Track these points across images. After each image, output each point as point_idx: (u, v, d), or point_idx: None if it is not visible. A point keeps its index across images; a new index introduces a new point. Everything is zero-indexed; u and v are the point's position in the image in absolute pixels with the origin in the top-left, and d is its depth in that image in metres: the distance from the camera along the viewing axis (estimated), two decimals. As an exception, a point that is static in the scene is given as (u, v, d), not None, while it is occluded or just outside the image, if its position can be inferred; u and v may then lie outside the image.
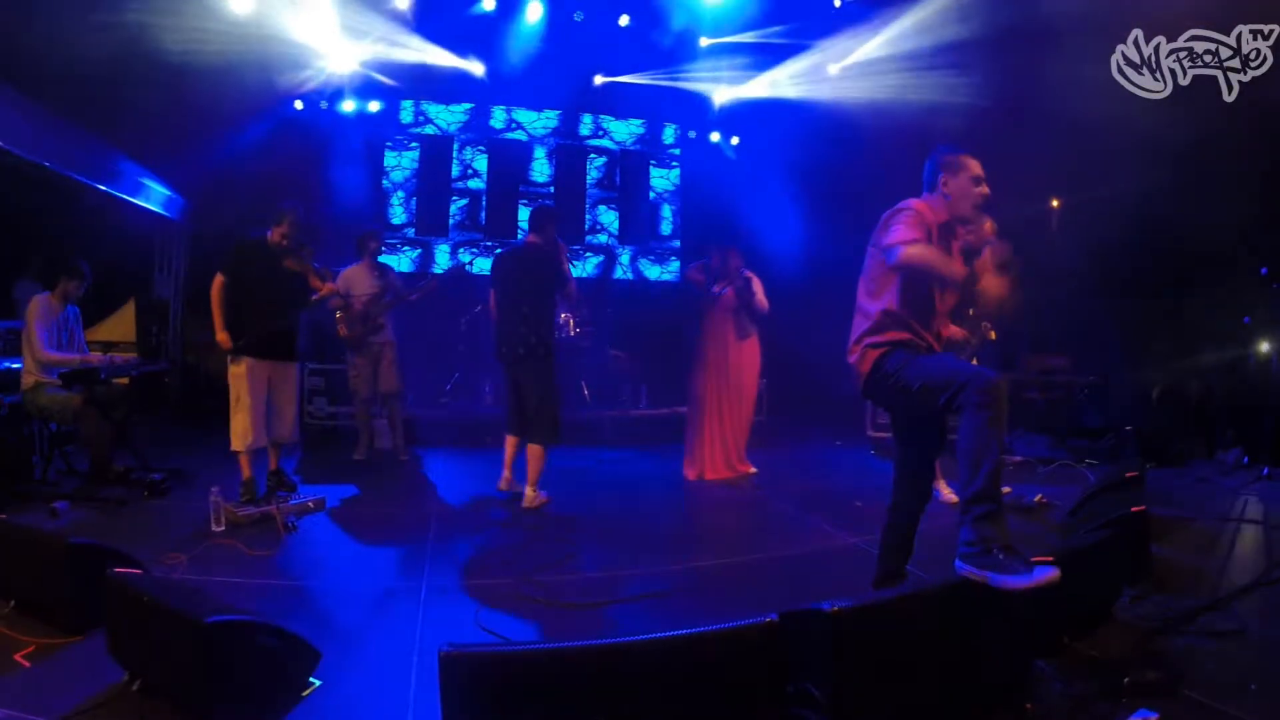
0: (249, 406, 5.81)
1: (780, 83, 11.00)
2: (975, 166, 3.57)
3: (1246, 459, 7.53)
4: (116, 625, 3.11)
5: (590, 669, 2.49)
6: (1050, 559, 3.19)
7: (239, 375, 5.83)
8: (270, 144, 10.46)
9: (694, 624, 2.65)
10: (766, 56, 10.85)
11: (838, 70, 10.53)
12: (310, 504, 5.77)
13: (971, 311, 5.67)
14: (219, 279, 5.87)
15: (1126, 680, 3.04)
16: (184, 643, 2.77)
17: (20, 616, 3.69)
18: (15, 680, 3.13)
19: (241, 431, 5.82)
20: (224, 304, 5.85)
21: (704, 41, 10.50)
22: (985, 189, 3.56)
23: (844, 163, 11.08)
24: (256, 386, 5.85)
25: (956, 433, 3.22)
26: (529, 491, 6.15)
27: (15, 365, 6.62)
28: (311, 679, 3.14)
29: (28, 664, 3.27)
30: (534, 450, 6.19)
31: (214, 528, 5.18)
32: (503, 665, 2.45)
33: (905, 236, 3.38)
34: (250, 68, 9.50)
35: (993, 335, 6.24)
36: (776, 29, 10.15)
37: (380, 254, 8.07)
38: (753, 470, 7.54)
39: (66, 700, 2.92)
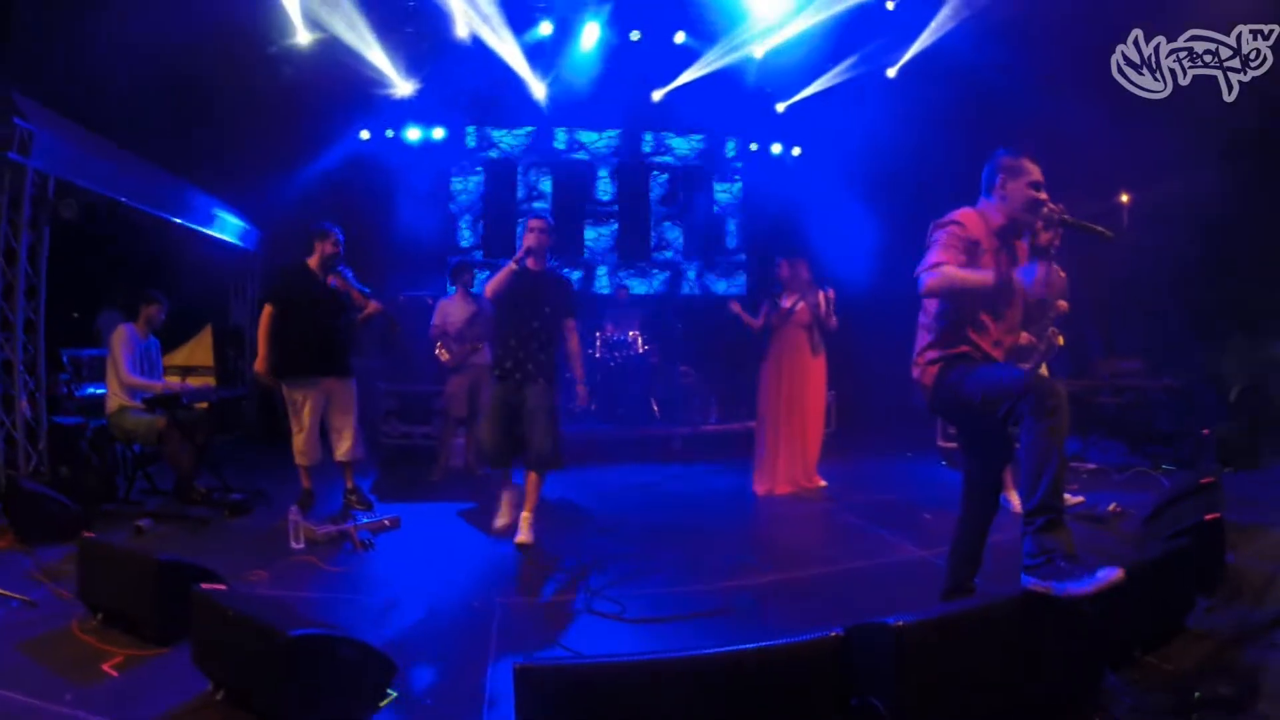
0: (304, 426, 6.10)
1: (838, 88, 10.93)
2: (1035, 171, 3.49)
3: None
4: (202, 637, 3.19)
5: (660, 682, 2.52)
6: (1119, 570, 3.11)
7: (291, 398, 6.10)
8: (339, 174, 10.78)
9: (762, 638, 2.67)
10: (823, 64, 10.79)
11: (895, 73, 10.47)
12: (386, 522, 5.85)
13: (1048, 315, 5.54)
14: (267, 309, 6.09)
15: (1198, 694, 2.95)
16: (268, 655, 2.85)
17: (107, 629, 3.81)
18: (103, 688, 3.23)
19: (300, 449, 6.14)
20: (271, 334, 6.04)
21: (758, 52, 10.46)
22: (1044, 194, 3.47)
23: (909, 166, 10.98)
24: (311, 405, 6.10)
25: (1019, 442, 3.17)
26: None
27: (101, 390, 6.89)
28: (389, 690, 3.18)
29: (115, 674, 3.37)
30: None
31: (293, 545, 5.30)
32: (576, 679, 2.50)
33: (930, 261, 3.38)
34: (317, 98, 9.80)
35: (1060, 341, 6.10)
36: (831, 35, 10.06)
37: (473, 285, 8.23)
38: (823, 484, 7.43)
39: (152, 707, 3.02)
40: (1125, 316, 9.71)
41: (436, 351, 7.78)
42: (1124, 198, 9.56)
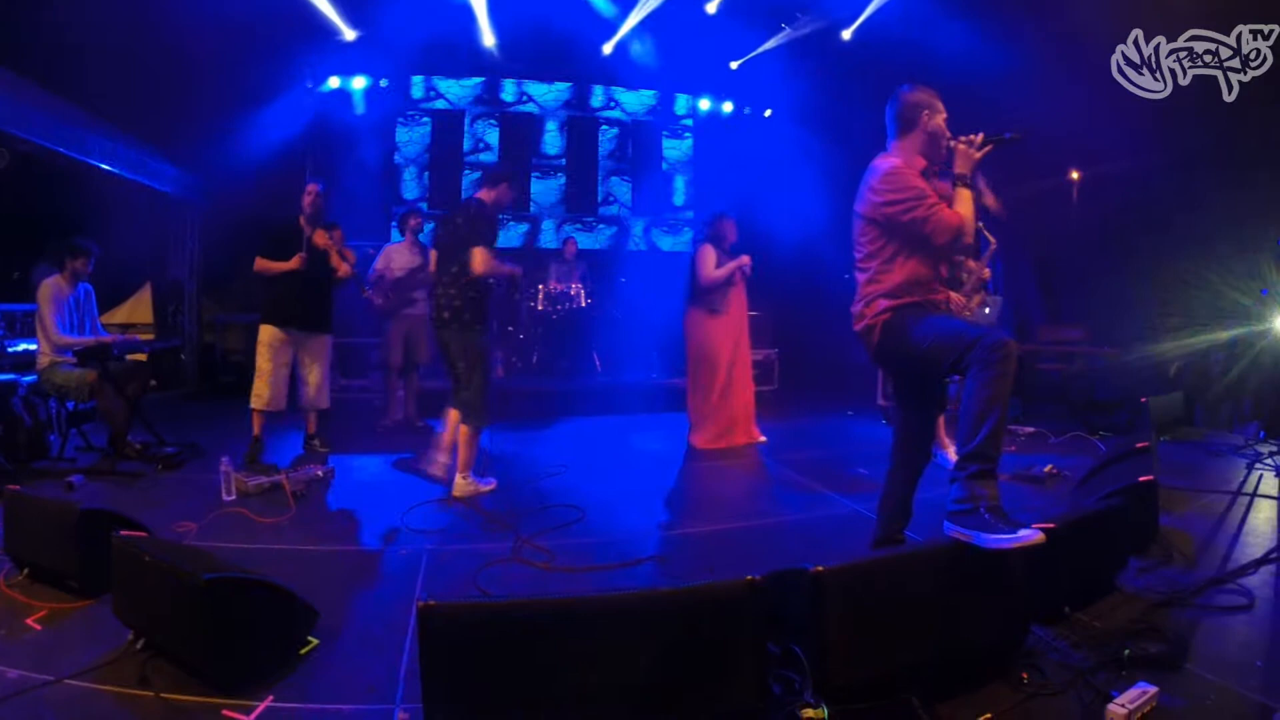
0: (268, 373, 6.31)
1: (792, 48, 10.91)
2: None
3: (1264, 433, 7.39)
4: (122, 586, 3.19)
5: (566, 623, 2.48)
6: (1051, 525, 3.16)
7: (262, 343, 6.31)
8: (280, 121, 10.56)
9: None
10: (776, 23, 10.76)
11: (850, 35, 10.46)
12: (320, 474, 5.85)
13: (964, 277, 5.60)
14: (259, 262, 6.34)
15: (1127, 652, 2.98)
16: (183, 601, 2.84)
17: (33, 584, 3.78)
18: (26, 642, 3.22)
19: (259, 393, 6.31)
20: (265, 276, 6.35)
21: (710, 8, 10.39)
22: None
23: (859, 127, 11.00)
24: (279, 354, 6.35)
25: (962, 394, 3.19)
26: (458, 479, 5.63)
27: (31, 346, 6.77)
28: (310, 637, 3.22)
29: (39, 627, 3.36)
30: (463, 432, 5.63)
31: (224, 497, 5.28)
32: (479, 617, 2.46)
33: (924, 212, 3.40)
34: (258, 45, 9.57)
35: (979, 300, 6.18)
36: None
37: (421, 231, 8.23)
38: (762, 439, 7.55)
39: (74, 660, 3.00)
40: (1069, 285, 9.87)
41: (369, 294, 7.69)
42: (1074, 174, 9.69)
